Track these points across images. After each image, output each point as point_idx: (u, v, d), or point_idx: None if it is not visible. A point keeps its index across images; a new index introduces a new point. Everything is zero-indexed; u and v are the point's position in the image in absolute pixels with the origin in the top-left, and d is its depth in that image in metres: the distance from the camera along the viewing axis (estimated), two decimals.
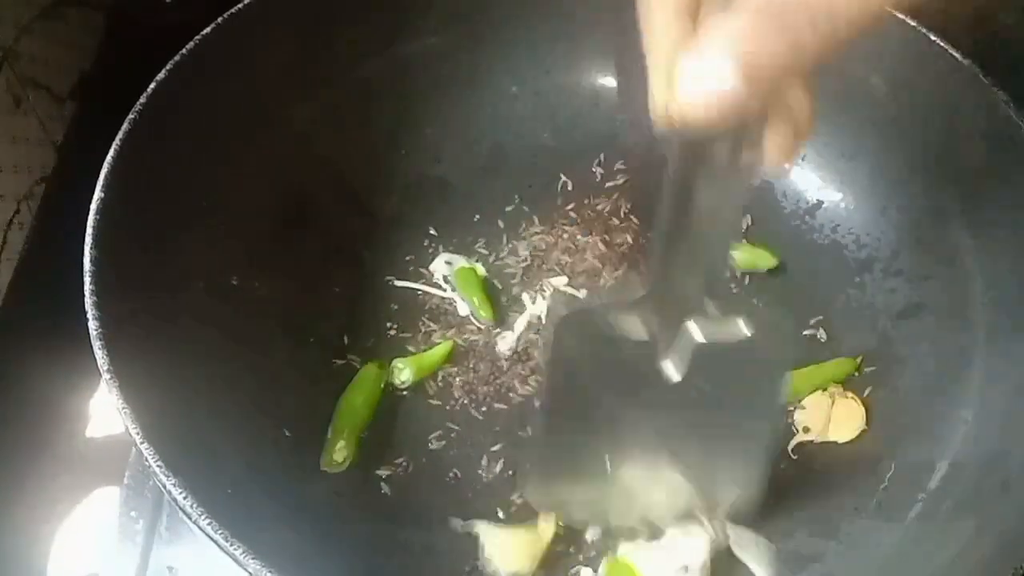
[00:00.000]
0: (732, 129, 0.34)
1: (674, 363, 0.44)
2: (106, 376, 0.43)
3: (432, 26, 0.65)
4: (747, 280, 0.64)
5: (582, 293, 0.63)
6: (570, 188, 0.68)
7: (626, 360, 0.44)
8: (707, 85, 0.31)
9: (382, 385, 0.57)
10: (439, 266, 0.63)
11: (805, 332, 0.61)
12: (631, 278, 0.47)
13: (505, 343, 0.60)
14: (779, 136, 0.38)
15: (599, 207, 0.67)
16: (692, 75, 0.31)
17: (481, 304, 0.61)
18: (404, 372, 0.58)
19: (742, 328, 0.44)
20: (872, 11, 0.30)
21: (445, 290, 0.62)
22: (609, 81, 0.69)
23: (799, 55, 0.30)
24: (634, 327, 0.43)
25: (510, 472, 0.55)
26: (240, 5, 0.56)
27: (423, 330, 0.61)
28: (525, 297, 0.63)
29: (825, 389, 0.59)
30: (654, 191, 0.66)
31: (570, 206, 0.67)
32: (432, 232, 0.65)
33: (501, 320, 0.61)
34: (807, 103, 0.39)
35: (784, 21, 0.29)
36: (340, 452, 0.54)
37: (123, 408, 0.43)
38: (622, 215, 0.66)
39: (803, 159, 0.66)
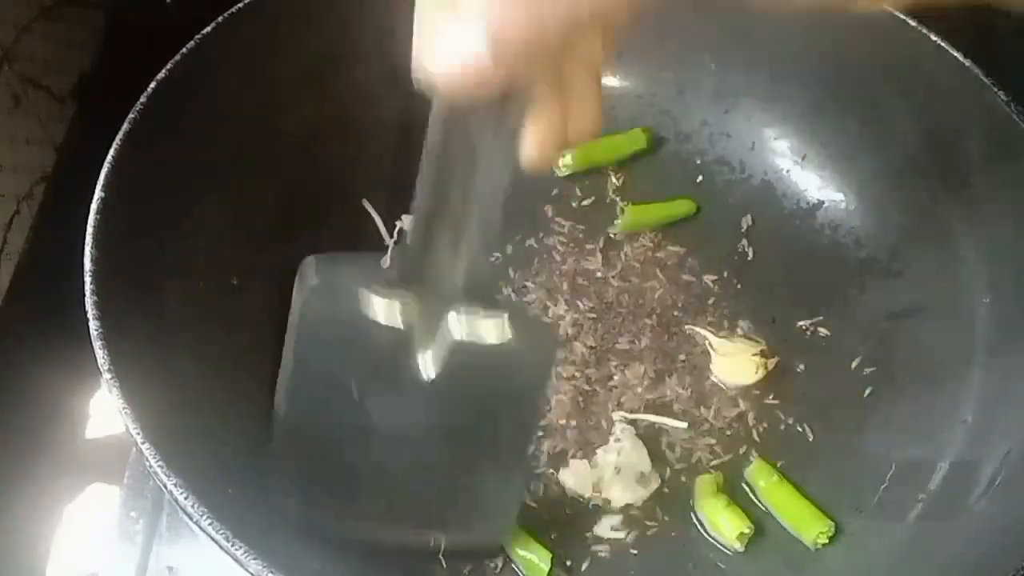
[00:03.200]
0: (488, 103, 0.34)
1: (429, 359, 0.41)
2: (106, 376, 0.43)
3: None
4: (741, 283, 0.64)
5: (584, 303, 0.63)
6: (571, 187, 0.67)
7: (377, 348, 0.40)
8: (457, 53, 0.31)
9: None
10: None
11: (805, 332, 0.61)
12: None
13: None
14: (542, 126, 0.36)
15: (598, 206, 0.67)
16: (445, 41, 0.32)
17: None
18: None
19: (504, 329, 0.41)
20: (609, 3, 0.31)
21: None
22: (610, 80, 0.69)
23: (543, 33, 0.30)
24: (390, 311, 0.40)
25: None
26: (240, 5, 0.56)
27: None
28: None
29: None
30: (651, 189, 0.67)
31: (571, 205, 0.67)
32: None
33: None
34: (591, 105, 0.38)
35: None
36: None
37: (123, 408, 0.43)
38: (619, 211, 0.66)
39: (803, 159, 0.66)
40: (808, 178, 0.66)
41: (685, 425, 0.57)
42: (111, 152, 0.50)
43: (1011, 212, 0.56)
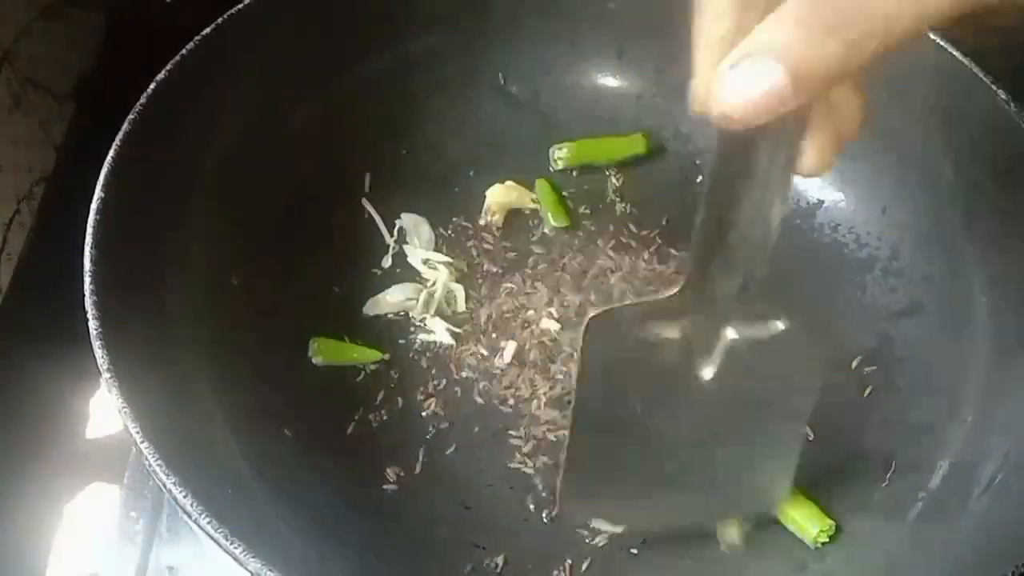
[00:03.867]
0: (774, 129, 0.33)
1: (705, 360, 0.44)
2: (106, 376, 0.43)
3: (432, 26, 0.65)
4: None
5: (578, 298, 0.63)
6: (572, 187, 0.67)
7: (658, 358, 0.44)
8: (753, 85, 0.30)
9: None
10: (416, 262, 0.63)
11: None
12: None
13: (508, 352, 0.60)
14: (821, 139, 0.36)
15: (599, 205, 0.67)
16: (738, 72, 0.30)
17: (555, 212, 0.65)
18: None
19: (776, 324, 0.43)
20: (931, 12, 0.29)
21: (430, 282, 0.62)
22: (610, 81, 0.69)
23: (853, 56, 0.29)
24: (666, 326, 0.43)
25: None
26: (240, 5, 0.56)
27: (425, 332, 0.61)
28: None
29: None
30: (652, 190, 0.67)
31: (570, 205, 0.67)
32: (433, 231, 0.65)
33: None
34: (856, 103, 0.36)
35: (839, 19, 0.28)
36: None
37: (123, 408, 0.43)
38: (618, 212, 0.67)
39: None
40: (808, 178, 0.66)
41: None
42: (111, 152, 0.50)
43: (1011, 212, 0.56)
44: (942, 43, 0.57)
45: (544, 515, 0.54)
